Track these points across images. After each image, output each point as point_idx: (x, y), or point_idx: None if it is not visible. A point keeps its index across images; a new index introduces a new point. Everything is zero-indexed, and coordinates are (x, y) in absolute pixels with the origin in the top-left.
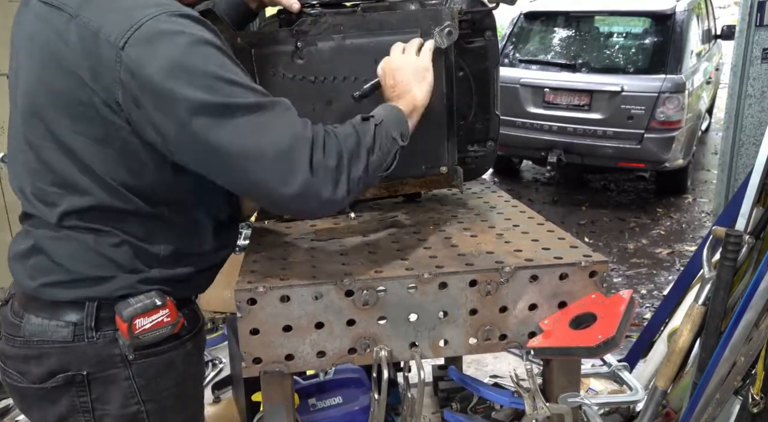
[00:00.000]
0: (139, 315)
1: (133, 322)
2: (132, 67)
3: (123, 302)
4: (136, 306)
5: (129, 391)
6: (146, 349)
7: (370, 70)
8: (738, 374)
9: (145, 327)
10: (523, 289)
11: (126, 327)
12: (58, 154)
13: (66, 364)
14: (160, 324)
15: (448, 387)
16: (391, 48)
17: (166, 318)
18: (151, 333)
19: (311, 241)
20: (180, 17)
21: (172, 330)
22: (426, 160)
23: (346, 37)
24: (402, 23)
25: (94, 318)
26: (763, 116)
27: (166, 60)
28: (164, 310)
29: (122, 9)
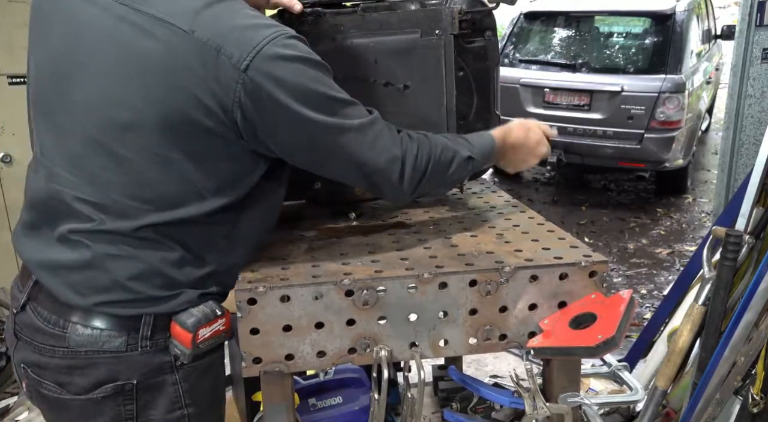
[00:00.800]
0: (203, 325)
1: (197, 333)
2: (254, 90)
3: (185, 312)
4: (200, 316)
5: (175, 396)
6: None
7: (369, 70)
8: (738, 374)
9: (206, 336)
10: (523, 289)
11: (190, 338)
12: (156, 168)
13: (115, 374)
14: (218, 333)
15: (448, 387)
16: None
17: (222, 327)
18: (210, 342)
19: (311, 241)
20: (293, 40)
21: (226, 337)
22: None
23: (346, 37)
24: (402, 23)
25: (151, 328)
26: (763, 116)
27: (289, 84)
28: (222, 319)
29: (240, 28)
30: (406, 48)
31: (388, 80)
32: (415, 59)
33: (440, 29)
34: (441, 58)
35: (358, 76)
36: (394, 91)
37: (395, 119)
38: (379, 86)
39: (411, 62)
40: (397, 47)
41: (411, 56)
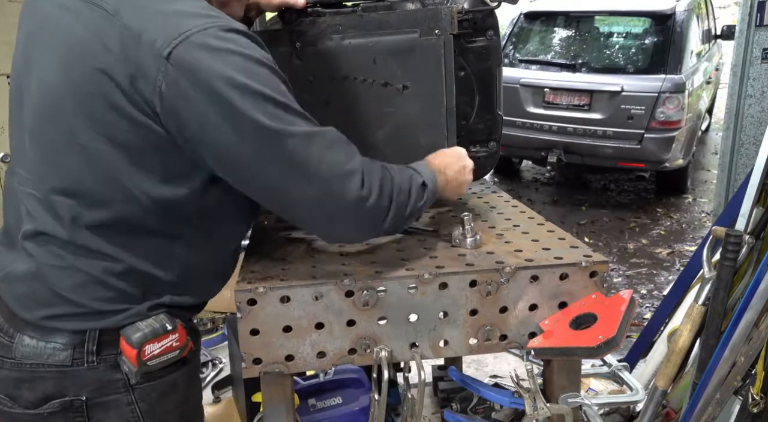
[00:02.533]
0: (149, 340)
1: (143, 349)
2: (176, 80)
3: (131, 326)
4: (146, 331)
5: (131, 416)
6: (153, 372)
7: (368, 70)
8: (738, 374)
9: (154, 352)
10: (523, 289)
11: (135, 354)
12: (79, 159)
13: (63, 389)
14: (170, 349)
15: (448, 388)
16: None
17: (176, 343)
18: (160, 359)
19: (311, 241)
20: (231, 33)
21: (181, 354)
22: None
23: (344, 37)
24: (401, 23)
25: (96, 343)
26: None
27: (216, 76)
28: (174, 335)
29: (168, 13)
30: (405, 48)
31: (387, 80)
32: (415, 59)
33: (439, 29)
34: (440, 58)
35: (357, 77)
36: (393, 92)
37: (394, 120)
38: (377, 86)
39: (410, 62)
40: (396, 47)
41: (410, 56)
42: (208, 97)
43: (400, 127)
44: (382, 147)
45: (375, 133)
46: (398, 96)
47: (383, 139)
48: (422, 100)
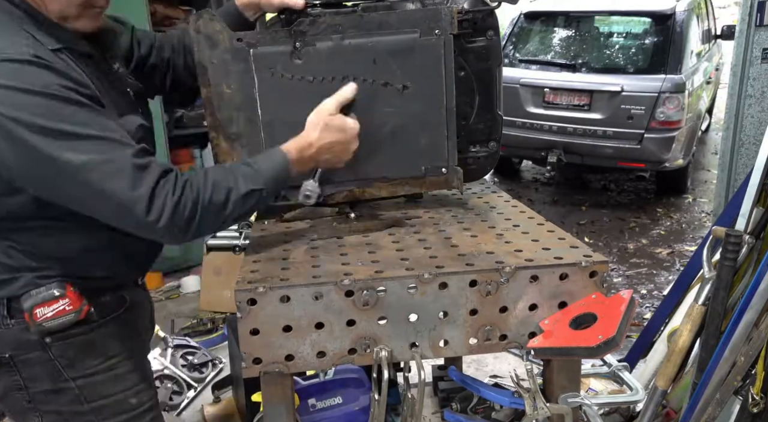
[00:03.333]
0: (39, 304)
1: (34, 312)
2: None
3: (26, 295)
4: (37, 297)
5: (55, 371)
6: (60, 333)
7: (368, 70)
8: (738, 374)
9: (47, 315)
10: (523, 289)
11: (28, 316)
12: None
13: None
14: (63, 313)
15: (448, 387)
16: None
17: (68, 307)
18: (55, 321)
19: (311, 241)
20: (10, 64)
21: (77, 316)
22: (425, 160)
23: (344, 37)
24: (400, 23)
25: (6, 308)
26: (763, 116)
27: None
28: (64, 300)
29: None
30: (405, 48)
31: (387, 80)
32: (415, 59)
33: (439, 29)
34: (440, 57)
35: (357, 76)
36: (393, 92)
37: (394, 120)
38: (378, 86)
39: (410, 62)
40: (396, 47)
41: (410, 56)
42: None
43: (400, 127)
44: (383, 146)
45: (375, 132)
46: (398, 96)
47: (383, 138)
48: (422, 100)
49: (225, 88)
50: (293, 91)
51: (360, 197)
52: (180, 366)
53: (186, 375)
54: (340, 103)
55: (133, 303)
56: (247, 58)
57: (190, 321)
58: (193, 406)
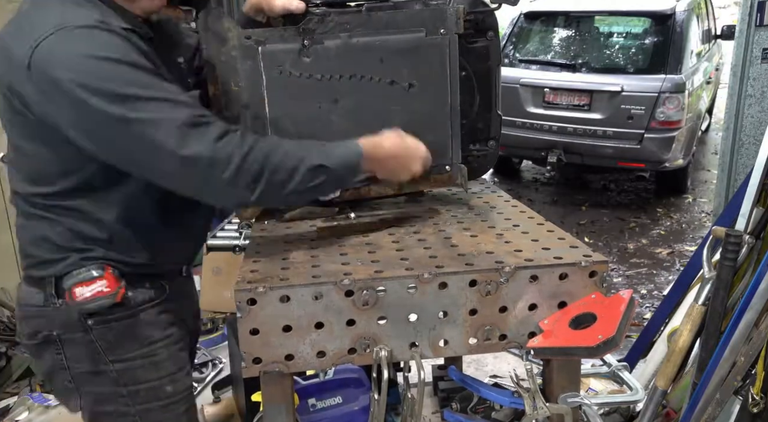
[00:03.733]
0: (77, 284)
1: (73, 291)
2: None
3: (69, 274)
4: (77, 277)
5: (96, 353)
6: (100, 316)
7: (375, 69)
8: (738, 374)
9: (85, 295)
10: (523, 289)
11: (68, 295)
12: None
13: (42, 326)
14: (100, 294)
15: (448, 387)
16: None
17: (105, 288)
18: (93, 302)
19: (311, 241)
20: (79, 30)
21: (113, 299)
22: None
23: (352, 35)
24: (407, 22)
25: (54, 287)
26: (763, 116)
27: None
28: (101, 281)
29: (28, 27)
30: (412, 47)
31: (393, 79)
32: (420, 58)
33: (445, 28)
34: (446, 57)
35: (364, 75)
36: (399, 90)
37: (400, 117)
38: (384, 85)
39: (416, 61)
40: (402, 46)
41: (416, 55)
42: (61, 97)
43: (405, 125)
44: None
45: (381, 130)
46: (404, 94)
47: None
48: (427, 99)
49: (233, 85)
50: (301, 89)
51: (365, 195)
52: None
53: None
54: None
55: (174, 292)
56: (256, 55)
57: None
58: None
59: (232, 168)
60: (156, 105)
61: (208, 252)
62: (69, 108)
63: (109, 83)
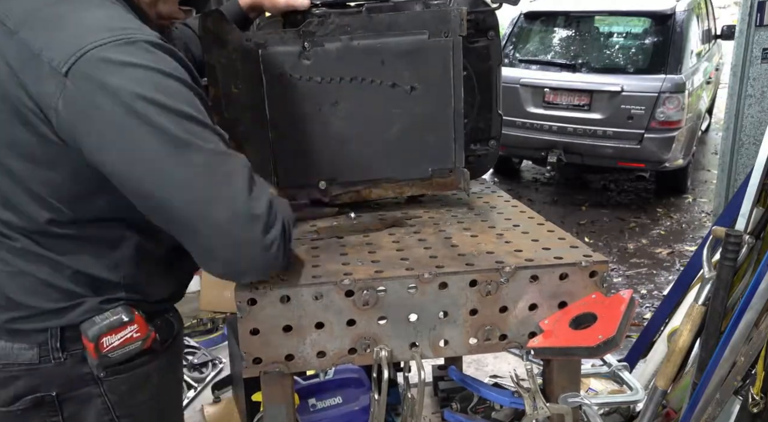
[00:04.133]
0: (106, 333)
1: (100, 342)
2: (73, 97)
3: (88, 321)
4: (102, 324)
5: (103, 408)
6: (118, 366)
7: (376, 71)
8: (738, 374)
9: (113, 344)
10: (523, 289)
11: (93, 347)
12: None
13: (34, 386)
14: (130, 340)
15: (448, 387)
16: None
17: (135, 334)
18: (121, 350)
19: (311, 241)
20: (133, 44)
21: (143, 345)
22: (432, 161)
23: (353, 37)
24: (409, 24)
25: (59, 339)
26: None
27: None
28: (132, 326)
29: (69, 29)
30: (414, 49)
31: (395, 81)
32: (423, 60)
33: (448, 30)
34: (449, 59)
35: (365, 77)
36: (400, 93)
37: (401, 120)
38: (386, 87)
39: (418, 63)
40: (404, 48)
41: (418, 57)
42: (106, 111)
43: (408, 128)
44: (390, 147)
45: (383, 133)
46: (406, 97)
47: (391, 139)
48: (430, 101)
49: (233, 87)
50: (301, 91)
51: (367, 197)
52: None
53: (186, 375)
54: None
55: (178, 328)
56: (256, 58)
57: (190, 321)
58: (193, 406)
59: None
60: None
61: None
62: (114, 124)
63: (171, 100)
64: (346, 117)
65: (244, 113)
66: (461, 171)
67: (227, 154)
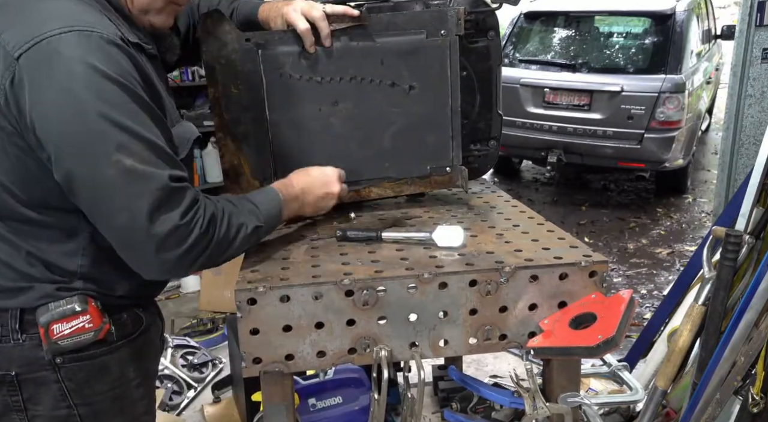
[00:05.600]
0: (56, 320)
1: (50, 328)
2: (22, 83)
3: (43, 307)
4: (54, 311)
5: (59, 394)
6: (74, 354)
7: (375, 71)
8: (738, 374)
9: (64, 332)
10: (523, 289)
11: (43, 332)
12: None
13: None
14: (81, 330)
15: (448, 387)
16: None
17: (88, 324)
18: (72, 339)
19: (311, 241)
20: (88, 38)
21: (96, 336)
22: (431, 160)
23: (352, 38)
24: (408, 24)
25: (18, 321)
26: (763, 116)
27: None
28: (85, 316)
29: (30, 17)
30: (412, 49)
31: (393, 81)
32: (421, 60)
33: (446, 30)
34: (446, 58)
35: (364, 77)
36: (399, 92)
37: (400, 119)
38: (384, 87)
39: (417, 63)
40: (403, 48)
41: (417, 57)
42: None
43: (406, 127)
44: (389, 146)
45: (382, 132)
46: (405, 96)
47: (390, 138)
48: (428, 101)
49: (233, 88)
50: (301, 91)
51: (366, 196)
52: (180, 366)
53: (186, 375)
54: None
55: (149, 323)
56: (256, 58)
57: (190, 321)
58: (193, 406)
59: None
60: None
61: None
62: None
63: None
64: (346, 116)
65: (244, 113)
66: (459, 168)
67: (143, 174)
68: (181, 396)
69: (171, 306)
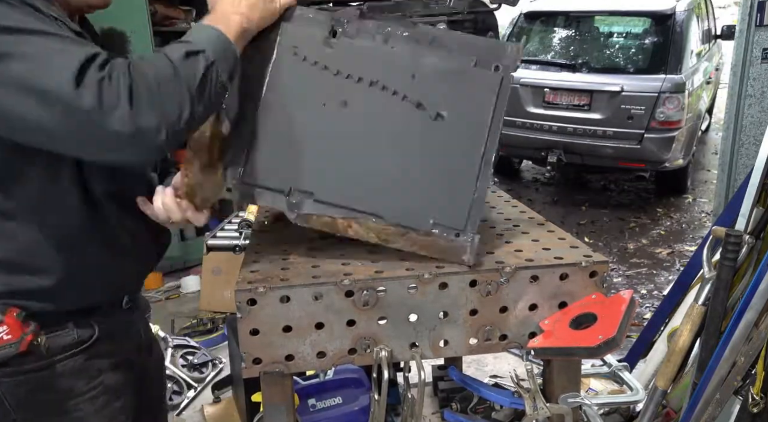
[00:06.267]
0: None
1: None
2: None
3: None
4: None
5: (3, 409)
6: (11, 367)
7: (403, 84)
8: (738, 374)
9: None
10: (523, 289)
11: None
12: None
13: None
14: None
15: (448, 388)
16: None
17: (5, 336)
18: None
19: (311, 241)
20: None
21: (17, 348)
22: (437, 213)
23: (388, 40)
24: (456, 44)
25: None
26: (763, 116)
27: None
28: (1, 327)
29: None
30: (454, 73)
31: (420, 101)
32: (461, 88)
33: (501, 65)
34: (493, 96)
35: (388, 86)
36: (423, 117)
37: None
38: (407, 104)
39: (455, 90)
40: (443, 69)
41: (457, 84)
42: None
43: (419, 161)
44: (390, 176)
45: (387, 157)
46: (428, 123)
47: (395, 166)
48: (455, 137)
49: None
50: (310, 79)
51: (341, 232)
52: (180, 366)
53: (186, 375)
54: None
55: (106, 332)
56: (276, 29)
57: (190, 321)
58: (193, 406)
59: (127, 93)
60: (39, 38)
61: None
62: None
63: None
64: (350, 122)
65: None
66: (471, 238)
67: (42, 53)
68: (181, 396)
69: (171, 306)
